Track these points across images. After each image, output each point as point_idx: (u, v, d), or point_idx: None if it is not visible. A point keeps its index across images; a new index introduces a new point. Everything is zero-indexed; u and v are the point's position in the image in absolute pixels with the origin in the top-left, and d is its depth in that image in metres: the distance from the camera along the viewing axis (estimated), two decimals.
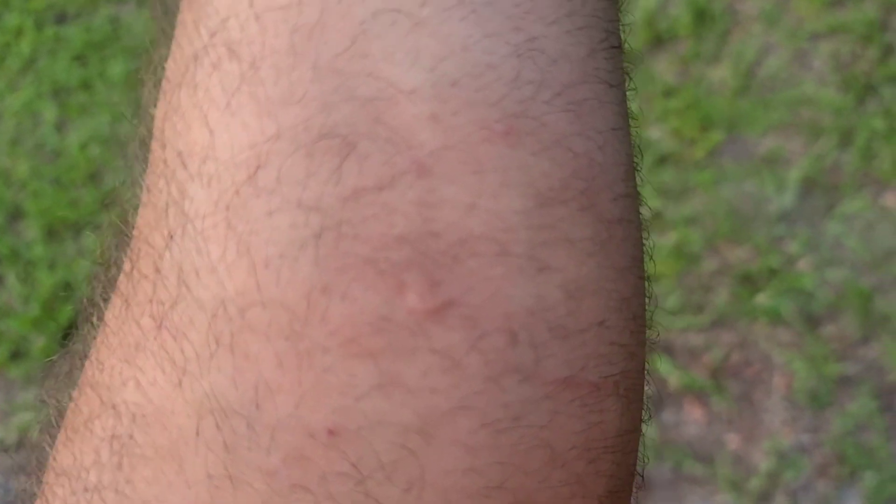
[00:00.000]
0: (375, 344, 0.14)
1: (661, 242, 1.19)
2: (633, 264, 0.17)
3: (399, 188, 0.14)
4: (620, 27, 0.18)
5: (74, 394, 0.18)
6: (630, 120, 0.18)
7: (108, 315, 0.17)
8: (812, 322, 1.09)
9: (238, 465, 0.14)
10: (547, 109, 0.15)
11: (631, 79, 0.18)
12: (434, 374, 0.14)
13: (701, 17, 1.42)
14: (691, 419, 1.05)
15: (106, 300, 0.18)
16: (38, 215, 1.38)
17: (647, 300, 0.17)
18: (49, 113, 1.59)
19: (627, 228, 0.17)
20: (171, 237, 0.15)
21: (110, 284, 0.18)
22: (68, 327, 1.20)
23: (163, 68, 0.17)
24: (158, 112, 0.17)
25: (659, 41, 1.42)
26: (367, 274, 0.14)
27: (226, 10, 0.16)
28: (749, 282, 1.12)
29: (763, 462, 1.01)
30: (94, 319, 0.18)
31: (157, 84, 0.17)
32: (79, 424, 0.17)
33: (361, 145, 0.14)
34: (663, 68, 1.39)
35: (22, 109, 1.60)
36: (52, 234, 1.36)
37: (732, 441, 1.03)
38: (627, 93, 0.18)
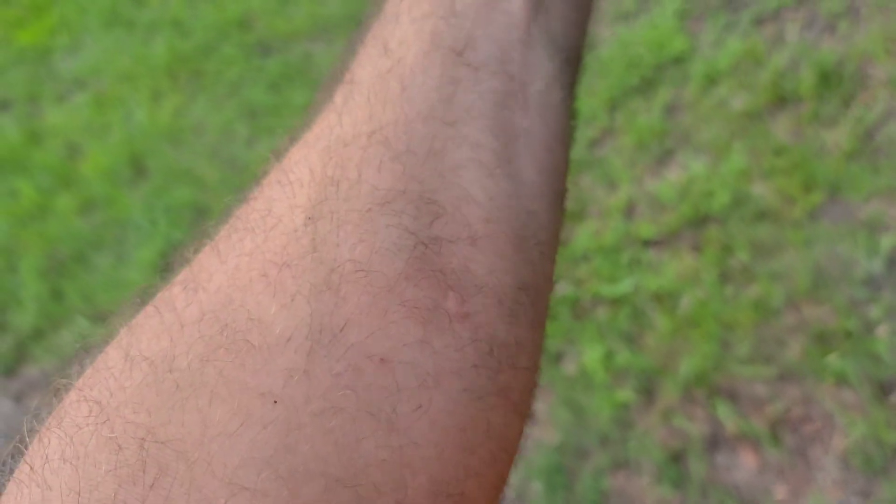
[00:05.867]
0: (424, 317, 0.22)
1: (743, 293, 1.23)
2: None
3: (459, 244, 0.24)
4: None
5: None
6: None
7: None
8: (881, 389, 1.09)
9: (314, 364, 0.20)
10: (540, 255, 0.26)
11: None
12: (450, 349, 0.22)
13: (826, 80, 1.43)
14: (743, 464, 1.10)
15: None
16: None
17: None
18: (243, 131, 1.88)
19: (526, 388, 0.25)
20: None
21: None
22: None
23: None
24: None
25: (781, 101, 1.45)
26: (431, 278, 0.23)
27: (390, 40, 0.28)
28: (823, 341, 1.15)
29: None
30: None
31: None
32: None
33: (446, 216, 0.24)
34: (780, 127, 1.42)
35: (222, 127, 1.91)
36: None
37: (780, 491, 1.06)
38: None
